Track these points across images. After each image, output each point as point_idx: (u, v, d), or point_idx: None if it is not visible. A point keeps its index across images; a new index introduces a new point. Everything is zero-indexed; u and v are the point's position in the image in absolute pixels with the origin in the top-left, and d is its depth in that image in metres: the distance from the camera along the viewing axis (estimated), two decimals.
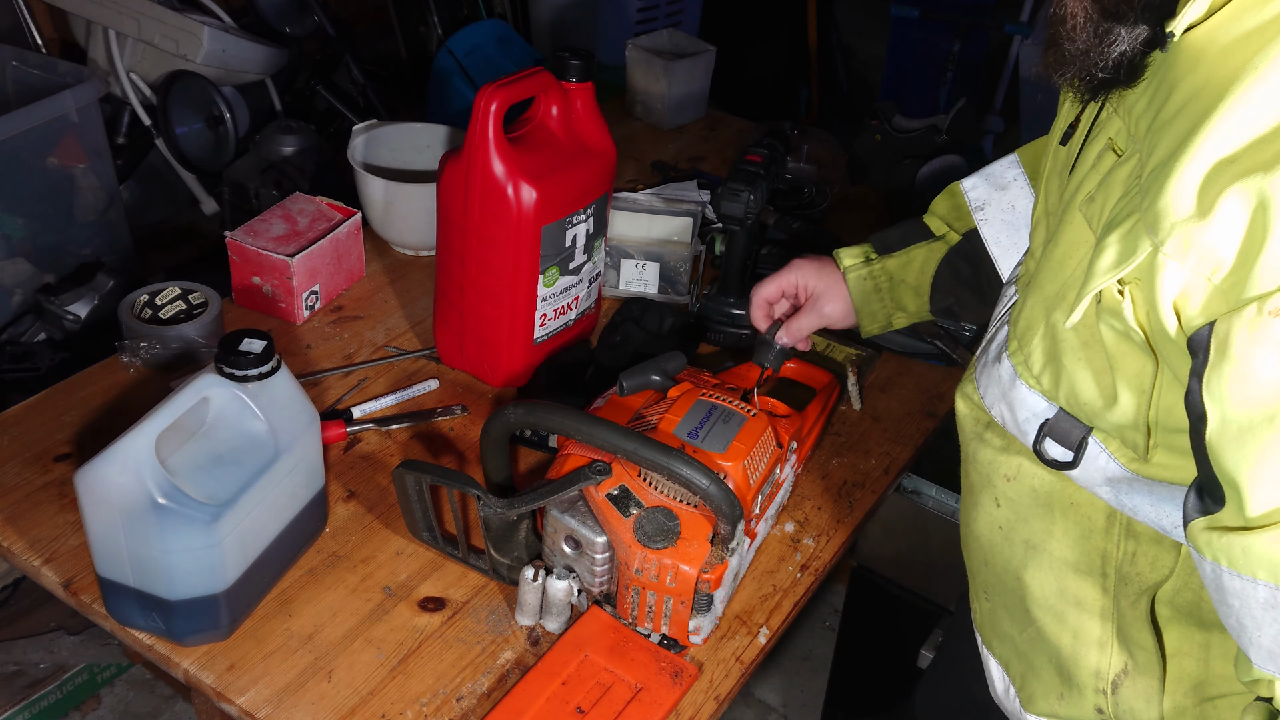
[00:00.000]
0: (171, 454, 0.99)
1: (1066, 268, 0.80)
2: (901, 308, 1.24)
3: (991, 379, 0.91)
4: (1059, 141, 0.89)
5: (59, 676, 1.88)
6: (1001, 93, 3.25)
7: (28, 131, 1.95)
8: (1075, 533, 0.87)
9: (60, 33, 2.63)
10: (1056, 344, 0.81)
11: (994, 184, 1.15)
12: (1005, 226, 1.13)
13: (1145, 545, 0.84)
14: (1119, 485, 0.82)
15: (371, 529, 1.18)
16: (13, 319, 1.97)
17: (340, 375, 1.39)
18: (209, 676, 1.01)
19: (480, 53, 3.02)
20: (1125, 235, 0.69)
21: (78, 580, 1.09)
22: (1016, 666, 0.98)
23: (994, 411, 0.91)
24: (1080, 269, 0.78)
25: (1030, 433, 0.86)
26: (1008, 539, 0.93)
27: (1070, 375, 0.81)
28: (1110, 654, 0.89)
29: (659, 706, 1.01)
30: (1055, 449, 0.84)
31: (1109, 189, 0.75)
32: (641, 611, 1.05)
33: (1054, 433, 0.84)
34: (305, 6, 2.79)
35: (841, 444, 1.37)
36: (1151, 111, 0.71)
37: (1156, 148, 0.69)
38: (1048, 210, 0.90)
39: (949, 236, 1.21)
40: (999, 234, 1.13)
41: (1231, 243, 0.63)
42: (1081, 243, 0.79)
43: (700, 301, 1.50)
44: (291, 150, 2.30)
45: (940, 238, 1.22)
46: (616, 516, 1.02)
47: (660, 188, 1.81)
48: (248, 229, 1.46)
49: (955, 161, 1.74)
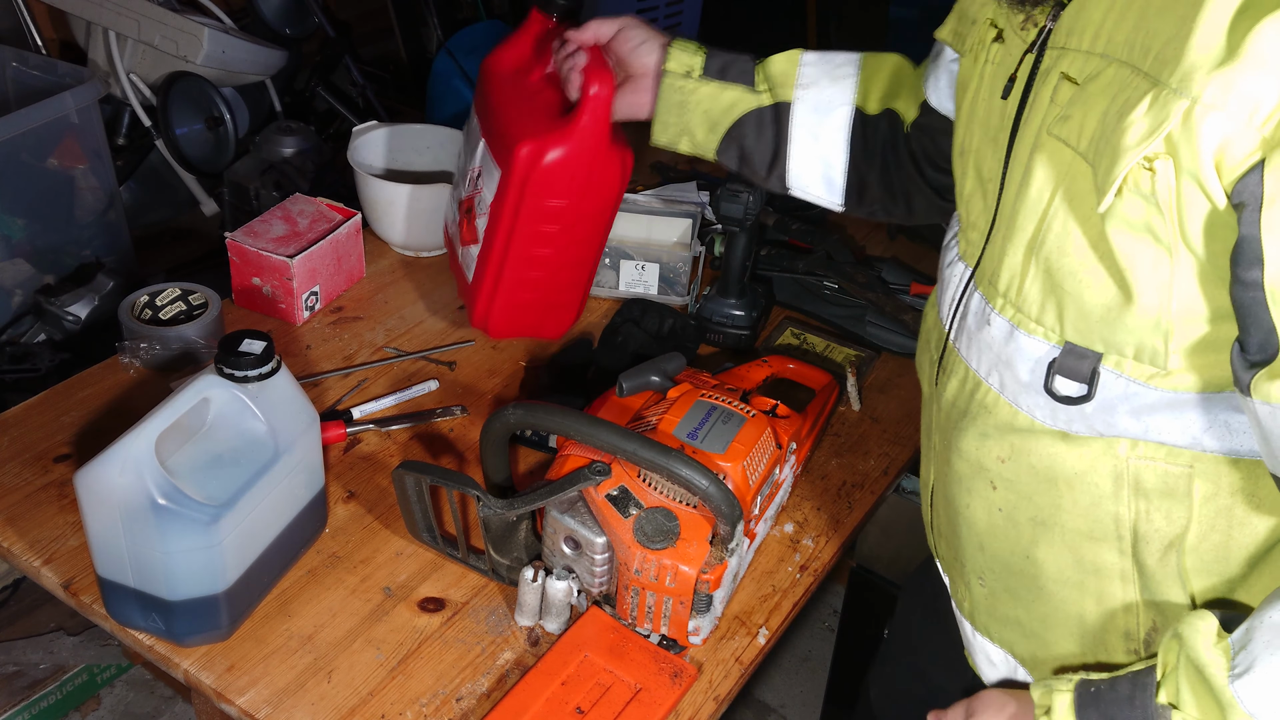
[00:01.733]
0: (171, 455, 0.99)
1: (1045, 196, 0.81)
2: (690, 134, 1.21)
3: (981, 345, 0.90)
4: (1000, 96, 0.88)
5: (59, 677, 1.88)
6: None
7: (28, 132, 1.95)
8: (1084, 501, 0.87)
9: (60, 34, 2.63)
10: (1053, 275, 0.82)
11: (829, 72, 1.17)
12: (814, 112, 1.16)
13: (1156, 500, 0.85)
14: (1139, 408, 0.82)
15: (371, 530, 1.18)
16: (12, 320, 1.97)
17: (340, 376, 1.39)
18: (209, 677, 1.02)
19: (480, 54, 3.02)
20: (1151, 107, 0.70)
21: (78, 581, 1.09)
22: (1024, 646, 0.99)
23: (990, 379, 0.90)
24: (1067, 185, 0.79)
25: (1038, 380, 0.85)
26: (1011, 520, 0.93)
27: (1076, 299, 0.81)
28: (1138, 615, 0.89)
29: (658, 707, 1.01)
30: (1067, 385, 0.84)
31: (1085, 104, 0.76)
32: (641, 612, 1.06)
33: (1063, 369, 0.84)
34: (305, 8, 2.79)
35: (841, 445, 1.37)
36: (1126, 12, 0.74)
37: (1158, 32, 0.71)
38: (986, 176, 0.90)
39: (764, 97, 1.18)
40: (807, 116, 1.16)
41: (1268, 80, 0.65)
42: (1059, 165, 0.80)
43: (700, 302, 1.51)
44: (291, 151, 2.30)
45: (758, 92, 1.18)
46: (616, 517, 1.02)
47: (660, 189, 1.81)
48: (248, 230, 1.46)
49: None
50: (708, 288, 1.53)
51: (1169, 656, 0.80)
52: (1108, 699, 0.83)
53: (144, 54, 2.49)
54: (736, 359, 1.47)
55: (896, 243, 1.77)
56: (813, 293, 1.57)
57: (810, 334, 1.54)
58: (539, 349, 1.47)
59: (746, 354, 1.49)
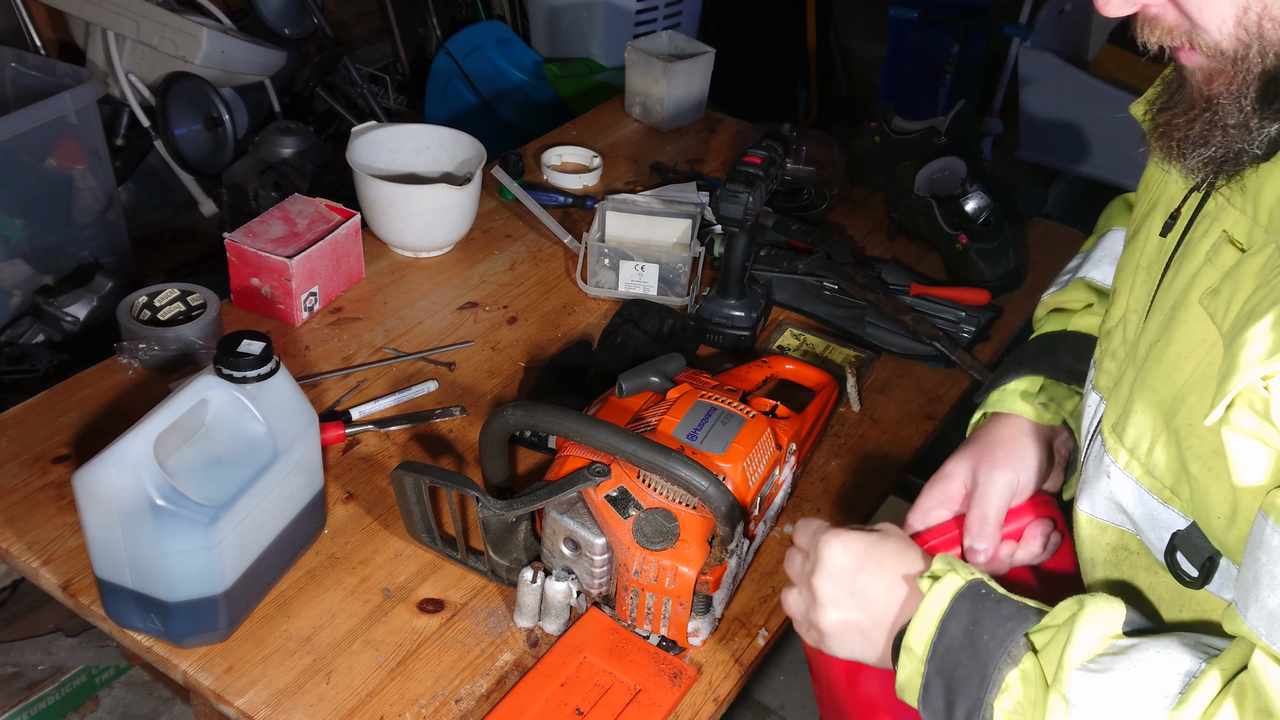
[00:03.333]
0: (170, 455, 0.99)
1: (1184, 367, 0.77)
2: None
3: (1100, 494, 0.86)
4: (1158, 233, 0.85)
5: (57, 678, 1.88)
6: (1000, 95, 3.25)
7: (26, 133, 1.95)
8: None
9: (59, 34, 2.63)
10: (1182, 451, 0.77)
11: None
12: None
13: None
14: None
15: (370, 530, 1.18)
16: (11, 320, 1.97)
17: (339, 377, 1.39)
18: (207, 678, 1.01)
19: (479, 54, 3.03)
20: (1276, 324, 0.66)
21: (76, 582, 1.09)
22: None
23: (1116, 520, 0.87)
24: (1204, 367, 0.75)
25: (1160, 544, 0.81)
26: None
27: (1201, 486, 0.76)
28: None
29: (658, 708, 1.01)
30: (1185, 564, 0.79)
31: (1237, 282, 0.72)
32: (640, 613, 1.05)
33: (1184, 546, 0.79)
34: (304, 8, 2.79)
35: (840, 446, 1.37)
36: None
37: None
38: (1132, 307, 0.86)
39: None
40: None
41: None
42: (1202, 340, 0.76)
43: (699, 303, 1.51)
44: (290, 152, 2.30)
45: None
46: (615, 518, 1.02)
47: (659, 189, 1.81)
48: (246, 230, 1.46)
49: (954, 163, 1.74)
50: (707, 288, 1.53)
51: (1062, 614, 0.78)
52: (988, 604, 0.80)
53: (143, 54, 2.50)
54: (736, 360, 1.46)
55: (896, 243, 1.77)
56: (812, 293, 1.57)
57: (810, 335, 1.54)
58: (538, 350, 1.47)
59: (746, 355, 1.49)
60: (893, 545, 0.89)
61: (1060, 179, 3.00)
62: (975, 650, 0.78)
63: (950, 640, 0.80)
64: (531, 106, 2.94)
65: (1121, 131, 2.05)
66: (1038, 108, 2.92)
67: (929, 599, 0.82)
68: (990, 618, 0.79)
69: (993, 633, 0.78)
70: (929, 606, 0.82)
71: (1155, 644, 0.74)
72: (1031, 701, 0.75)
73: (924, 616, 0.82)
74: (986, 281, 1.61)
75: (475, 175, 1.60)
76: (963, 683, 0.78)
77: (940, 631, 0.80)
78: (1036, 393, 1.04)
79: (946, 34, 3.21)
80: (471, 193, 1.60)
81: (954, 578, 0.82)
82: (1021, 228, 1.79)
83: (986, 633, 0.78)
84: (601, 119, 2.10)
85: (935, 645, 0.80)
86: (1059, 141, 2.91)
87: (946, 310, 1.54)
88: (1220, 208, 0.77)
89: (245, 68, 2.55)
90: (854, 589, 0.87)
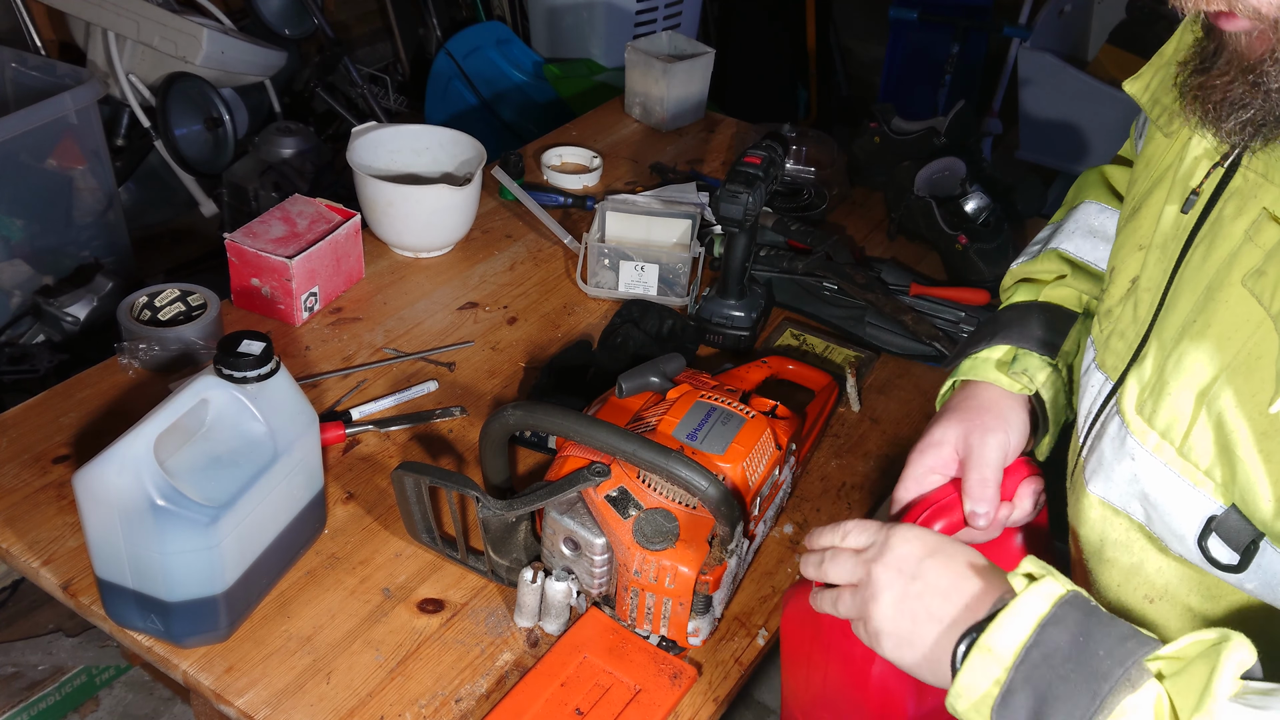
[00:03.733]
0: (170, 455, 0.99)
1: (1228, 349, 0.74)
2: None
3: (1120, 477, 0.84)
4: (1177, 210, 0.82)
5: (57, 678, 1.88)
6: (1000, 95, 3.25)
7: (26, 133, 1.95)
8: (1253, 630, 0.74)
9: (59, 34, 2.63)
10: (1227, 435, 0.74)
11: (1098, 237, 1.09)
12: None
13: None
14: None
15: (370, 531, 1.18)
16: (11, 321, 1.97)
17: (339, 377, 1.39)
18: (208, 678, 1.01)
19: (479, 55, 3.03)
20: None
21: (76, 582, 1.09)
22: None
23: (1130, 509, 0.84)
24: (1250, 348, 0.73)
25: (1190, 532, 0.78)
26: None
27: (1247, 471, 0.73)
28: None
29: (658, 708, 1.01)
30: (1221, 550, 0.76)
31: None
32: (640, 613, 1.05)
33: (1221, 530, 0.75)
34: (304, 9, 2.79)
35: (840, 446, 1.37)
36: None
37: None
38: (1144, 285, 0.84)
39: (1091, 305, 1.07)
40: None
41: None
42: (1246, 321, 0.73)
43: (699, 303, 1.51)
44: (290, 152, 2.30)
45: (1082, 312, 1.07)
46: (615, 518, 1.02)
47: (659, 190, 1.81)
48: (247, 231, 1.46)
49: (954, 164, 1.74)
50: (707, 289, 1.53)
51: (1194, 648, 0.70)
52: (1101, 619, 0.73)
53: (143, 55, 2.50)
54: (736, 360, 1.47)
55: (896, 244, 1.77)
56: (812, 294, 1.57)
57: (809, 335, 1.54)
58: (538, 350, 1.47)
59: (746, 355, 1.49)
60: (964, 548, 0.82)
61: (1060, 179, 3.00)
62: (1084, 665, 0.70)
63: (1051, 649, 0.71)
64: (531, 107, 2.94)
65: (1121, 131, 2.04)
66: (1037, 108, 2.93)
67: (1025, 598, 0.73)
68: (1105, 635, 0.71)
69: (1109, 651, 0.70)
70: (1025, 606, 0.73)
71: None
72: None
73: (1018, 617, 0.73)
74: (986, 282, 1.61)
75: (475, 176, 1.60)
76: (1062, 699, 0.70)
77: (1038, 637, 0.72)
78: (1011, 362, 1.02)
79: (946, 34, 3.21)
80: (471, 193, 1.60)
81: (1054, 583, 0.75)
82: (1021, 228, 1.80)
83: (1102, 649, 0.70)
84: (601, 119, 2.10)
85: (1029, 651, 0.72)
86: (1058, 142, 2.91)
87: (946, 310, 1.55)
88: (1255, 185, 0.75)
89: (245, 68, 2.55)
90: (917, 572, 0.80)
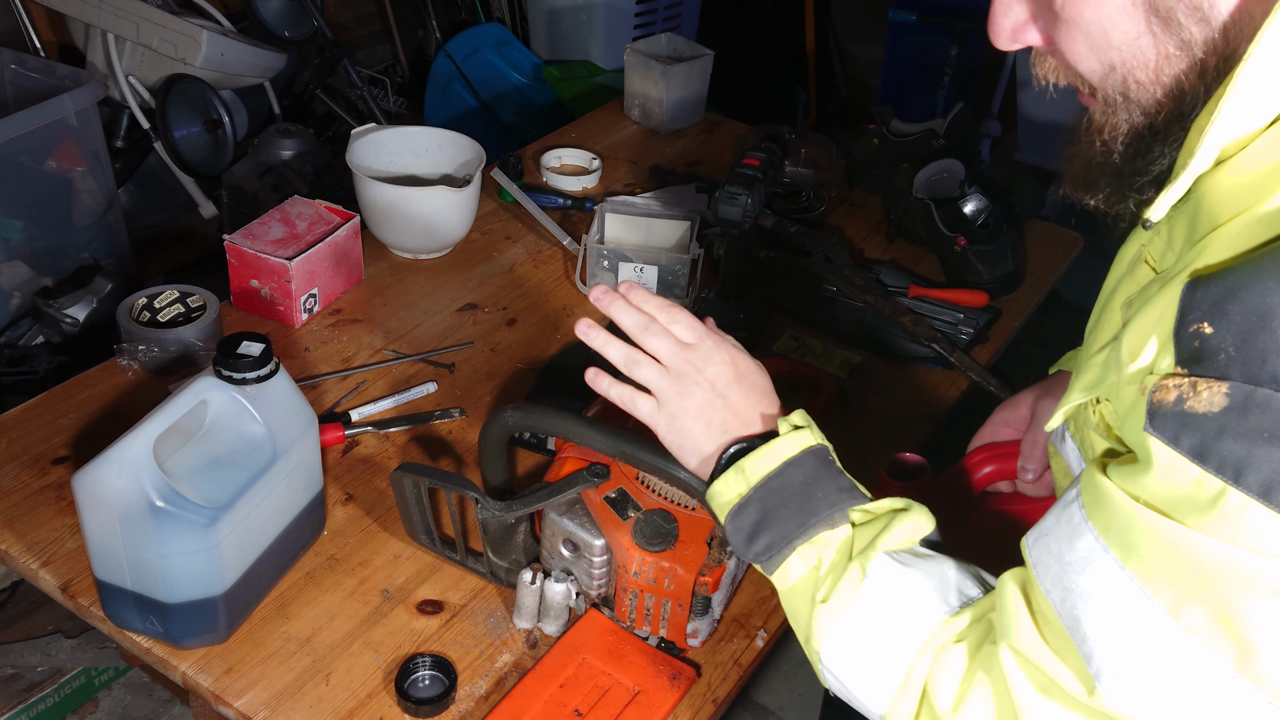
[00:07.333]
0: (170, 457, 0.99)
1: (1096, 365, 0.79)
2: None
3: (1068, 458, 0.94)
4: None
5: (56, 680, 1.88)
6: (999, 97, 3.25)
7: (26, 135, 1.96)
8: None
9: (59, 36, 2.63)
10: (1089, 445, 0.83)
11: None
12: None
13: None
14: None
15: (370, 532, 1.18)
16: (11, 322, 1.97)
17: (339, 378, 1.39)
18: (207, 679, 1.01)
19: (478, 57, 3.03)
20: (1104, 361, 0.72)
21: (75, 583, 1.09)
22: None
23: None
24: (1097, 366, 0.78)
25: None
26: None
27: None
28: None
29: (657, 709, 1.01)
30: None
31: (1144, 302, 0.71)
32: (639, 614, 1.06)
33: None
34: (304, 11, 2.79)
35: (839, 447, 1.36)
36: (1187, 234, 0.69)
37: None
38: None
39: None
40: None
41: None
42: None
43: (698, 305, 1.51)
44: (290, 154, 2.31)
45: None
46: (614, 519, 1.02)
47: (658, 192, 1.81)
48: (246, 232, 1.46)
49: (952, 166, 1.74)
50: (706, 290, 1.53)
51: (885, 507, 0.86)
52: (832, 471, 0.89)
53: (143, 56, 2.50)
54: None
55: (894, 245, 1.77)
56: (811, 295, 1.57)
57: (809, 336, 1.54)
58: (538, 352, 1.47)
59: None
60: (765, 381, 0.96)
61: (1058, 181, 3.00)
62: (804, 501, 0.86)
63: (785, 482, 0.87)
64: (531, 109, 2.94)
65: None
66: (1036, 110, 2.93)
67: (783, 440, 0.89)
68: (828, 483, 0.87)
69: (826, 495, 0.86)
70: (780, 446, 0.89)
71: (950, 563, 0.84)
72: (834, 564, 0.84)
73: (772, 452, 0.88)
74: (985, 283, 1.61)
75: (474, 177, 1.60)
76: (778, 521, 0.86)
77: (780, 471, 0.88)
78: None
79: (945, 36, 3.22)
80: (471, 195, 1.60)
81: (809, 435, 0.90)
82: (1020, 230, 1.80)
83: (821, 492, 0.87)
84: (600, 121, 2.11)
85: (769, 480, 0.87)
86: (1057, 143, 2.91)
87: (945, 312, 1.55)
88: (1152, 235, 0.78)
89: (245, 70, 2.55)
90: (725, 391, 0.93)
